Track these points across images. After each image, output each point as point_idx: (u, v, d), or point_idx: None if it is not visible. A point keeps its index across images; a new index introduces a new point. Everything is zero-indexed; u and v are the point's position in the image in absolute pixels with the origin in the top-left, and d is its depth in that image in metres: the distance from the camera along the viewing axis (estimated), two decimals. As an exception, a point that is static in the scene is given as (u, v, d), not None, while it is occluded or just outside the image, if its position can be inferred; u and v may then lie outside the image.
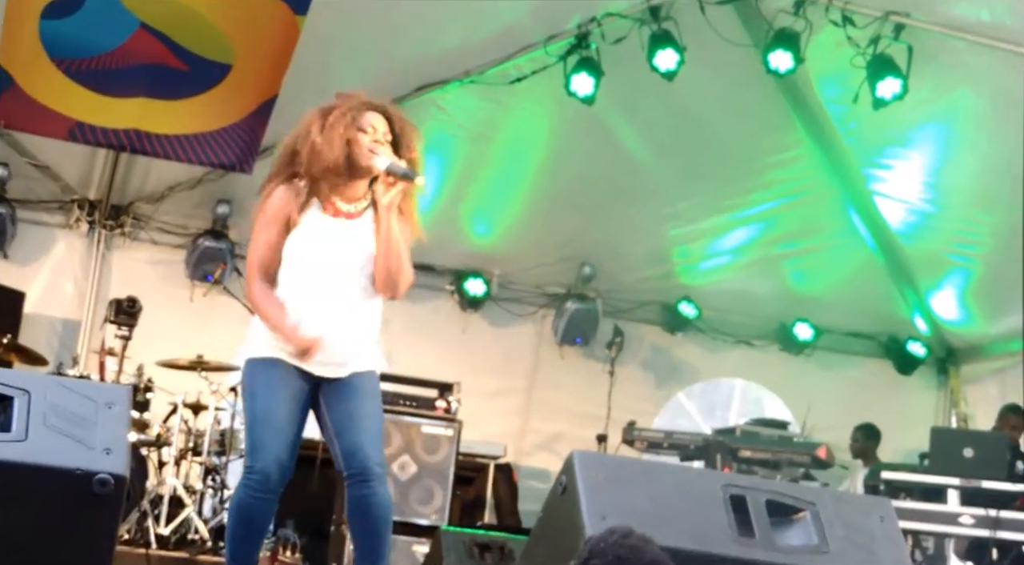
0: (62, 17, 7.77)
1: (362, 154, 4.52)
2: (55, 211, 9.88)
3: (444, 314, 10.89)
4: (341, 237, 4.56)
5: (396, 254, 4.52)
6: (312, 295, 4.54)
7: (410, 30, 8.74)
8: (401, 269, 4.55)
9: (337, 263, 4.55)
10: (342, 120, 4.53)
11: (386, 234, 4.51)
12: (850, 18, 8.27)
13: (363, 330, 4.61)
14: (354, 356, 4.58)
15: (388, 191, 4.50)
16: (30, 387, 4.10)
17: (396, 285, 4.57)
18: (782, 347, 11.41)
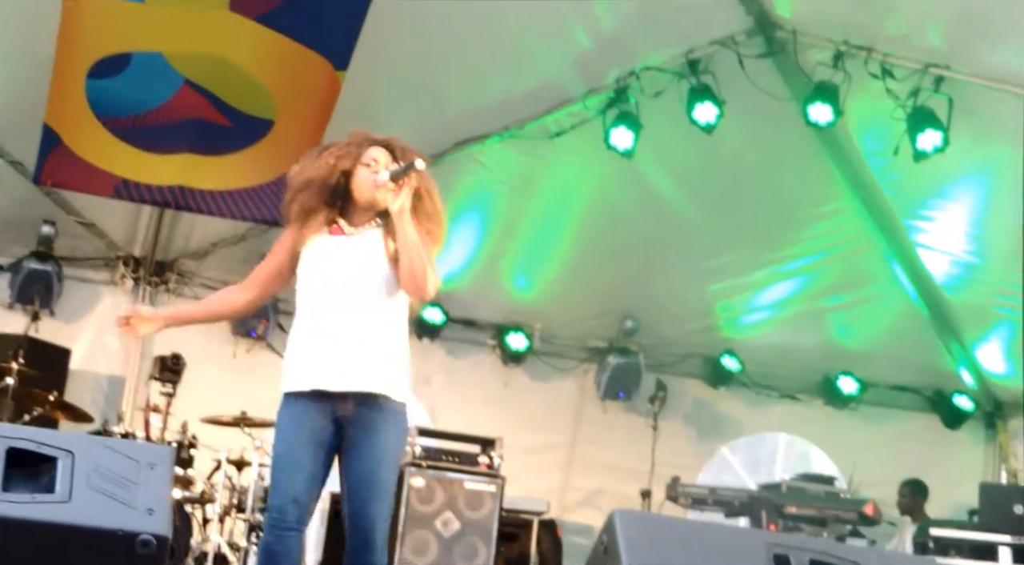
0: (108, 76, 7.88)
1: (366, 185, 4.58)
2: (100, 268, 9.99)
3: (486, 369, 10.89)
4: (345, 252, 4.58)
5: (416, 255, 4.47)
6: (321, 309, 4.53)
7: (450, 85, 8.81)
8: (424, 269, 4.48)
9: (342, 276, 4.55)
10: (336, 152, 4.64)
11: (402, 237, 4.49)
12: (890, 70, 8.24)
13: (377, 342, 4.55)
14: (369, 369, 4.51)
15: (397, 197, 4.49)
16: (74, 448, 4.12)
17: (421, 285, 4.51)
18: (826, 401, 11.33)
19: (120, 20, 7.54)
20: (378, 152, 4.65)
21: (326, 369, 4.47)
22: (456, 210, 9.63)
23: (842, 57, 8.29)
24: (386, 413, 4.52)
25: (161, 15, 7.52)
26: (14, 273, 9.49)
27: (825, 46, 8.35)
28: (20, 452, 4.13)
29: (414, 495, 8.68)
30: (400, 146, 4.70)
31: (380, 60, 8.19)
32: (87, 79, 7.86)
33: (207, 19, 7.54)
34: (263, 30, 7.58)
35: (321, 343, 4.49)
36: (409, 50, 8.36)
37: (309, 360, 4.51)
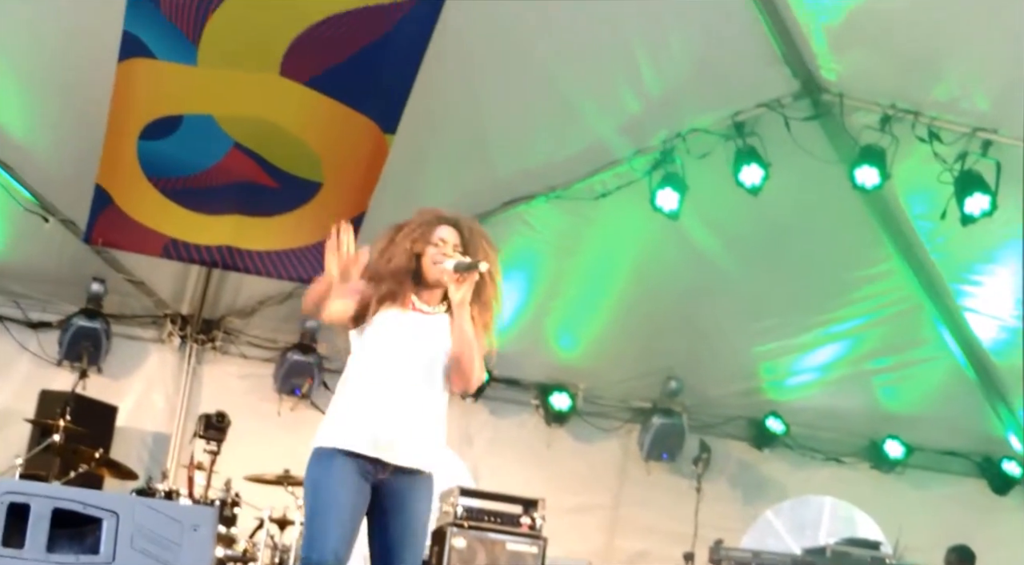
0: (160, 138, 7.99)
1: (431, 267, 4.65)
2: (148, 326, 10.09)
3: (529, 429, 10.87)
4: (413, 329, 4.62)
5: (468, 347, 4.56)
6: (381, 377, 4.56)
7: (498, 146, 8.85)
8: (473, 363, 4.58)
9: (406, 352, 4.59)
10: (411, 235, 4.69)
11: (458, 331, 4.57)
12: (937, 134, 8.25)
13: (424, 421, 4.59)
14: (413, 445, 4.54)
15: (459, 289, 4.56)
16: (118, 509, 4.17)
17: (468, 378, 4.60)
18: (872, 465, 11.25)
19: (172, 83, 7.65)
20: (446, 231, 4.72)
21: (378, 436, 4.48)
22: (502, 269, 9.67)
23: (889, 120, 8.32)
24: (420, 482, 4.58)
25: (212, 78, 7.62)
26: (63, 330, 9.59)
27: (872, 109, 8.37)
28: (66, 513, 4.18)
29: (456, 556, 8.67)
30: (468, 226, 4.78)
31: (428, 122, 8.26)
32: (139, 140, 7.98)
33: (257, 83, 7.64)
34: (312, 94, 7.68)
35: (376, 409, 4.52)
36: (457, 112, 8.43)
37: (361, 423, 4.50)
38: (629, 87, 8.45)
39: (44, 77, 8.06)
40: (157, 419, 9.78)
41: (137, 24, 7.27)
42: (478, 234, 4.77)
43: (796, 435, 11.03)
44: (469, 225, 4.80)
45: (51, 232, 9.06)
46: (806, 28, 7.91)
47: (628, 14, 7.86)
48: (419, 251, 4.67)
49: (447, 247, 4.68)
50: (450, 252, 4.66)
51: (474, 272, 4.54)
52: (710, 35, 8.07)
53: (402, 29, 7.29)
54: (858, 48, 8.03)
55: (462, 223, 4.79)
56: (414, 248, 4.67)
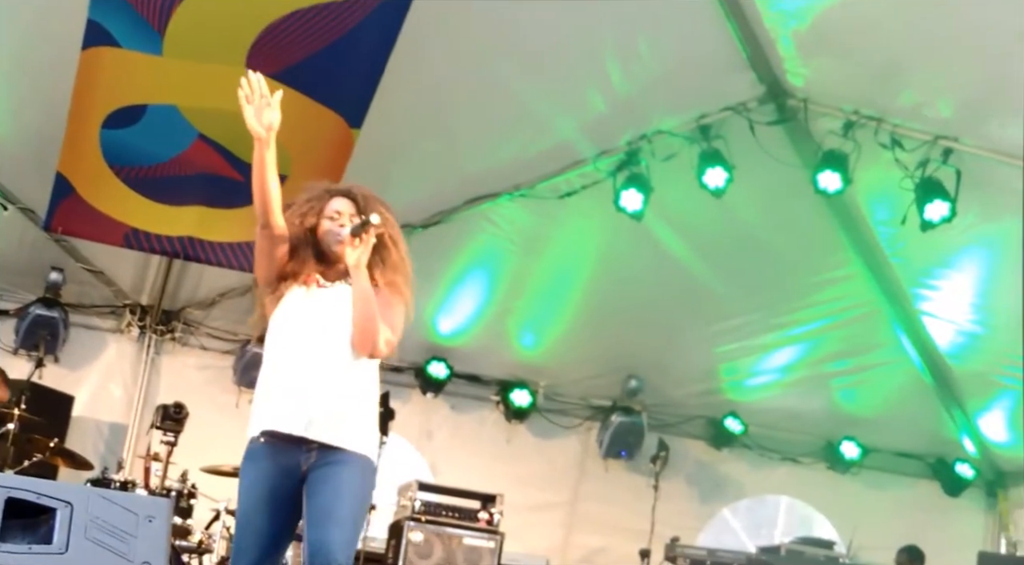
0: (123, 127, 7.91)
1: (330, 239, 4.52)
2: (107, 316, 10.03)
3: (489, 425, 10.90)
4: (315, 304, 4.47)
5: (365, 309, 4.39)
6: (287, 360, 4.40)
7: (463, 144, 8.85)
8: (373, 324, 4.39)
9: (310, 328, 4.43)
10: (299, 211, 4.57)
11: (355, 291, 4.42)
12: (899, 141, 8.32)
13: (342, 394, 4.40)
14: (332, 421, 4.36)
15: (354, 250, 4.41)
16: (72, 499, 4.14)
17: (370, 340, 4.40)
18: (829, 465, 11.35)
19: (137, 72, 7.57)
20: (340, 203, 4.59)
21: (289, 414, 4.33)
22: (465, 267, 9.70)
23: (852, 126, 8.38)
24: (348, 458, 4.35)
25: (177, 69, 7.55)
26: (20, 319, 9.52)
27: (836, 115, 8.43)
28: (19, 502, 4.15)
29: (412, 549, 8.68)
30: (361, 194, 4.63)
31: (394, 118, 8.24)
32: (102, 129, 7.90)
33: (223, 75, 7.52)
34: (279, 86, 7.58)
35: (285, 390, 4.35)
36: (423, 109, 8.42)
37: (277, 403, 4.37)
38: (595, 88, 8.48)
39: (5, 65, 7.97)
40: (114, 409, 9.73)
41: (102, 12, 7.20)
42: (373, 200, 4.61)
43: (754, 435, 11.11)
44: (362, 192, 4.65)
45: (10, 220, 8.99)
46: (773, 33, 7.95)
47: (597, 15, 7.86)
48: (312, 225, 4.55)
49: (343, 218, 4.54)
50: (346, 222, 4.53)
51: (369, 228, 4.39)
52: (677, 38, 8.09)
53: (369, 25, 7.26)
54: (824, 54, 8.09)
55: (354, 191, 4.65)
56: (305, 223, 4.55)
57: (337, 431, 4.36)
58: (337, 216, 4.54)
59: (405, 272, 4.60)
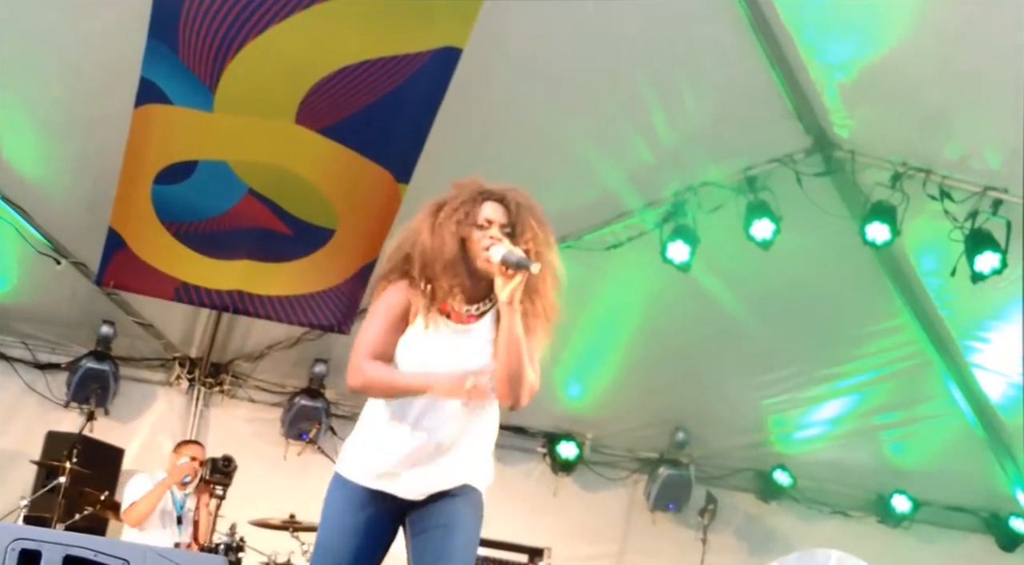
0: (174, 182, 8.00)
1: (477, 254, 4.00)
2: (156, 368, 10.12)
3: (536, 477, 10.87)
4: (458, 345, 4.02)
5: (517, 356, 3.89)
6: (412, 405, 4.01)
7: (509, 196, 8.87)
8: (523, 374, 3.91)
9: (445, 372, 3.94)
10: (453, 216, 4.03)
11: (506, 333, 3.89)
12: (948, 192, 8.25)
13: (472, 450, 4.06)
14: (449, 475, 4.03)
15: (506, 284, 3.88)
16: (129, 556, 4.16)
17: (518, 394, 3.93)
18: (879, 519, 11.25)
19: (188, 129, 7.66)
20: (492, 210, 4.06)
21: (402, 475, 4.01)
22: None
23: (900, 178, 8.32)
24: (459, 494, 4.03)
25: (228, 125, 7.64)
26: (72, 372, 9.63)
27: (883, 167, 8.38)
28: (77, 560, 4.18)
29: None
30: (515, 201, 4.09)
31: (440, 171, 8.16)
32: (153, 185, 8.00)
33: (272, 130, 7.67)
34: (327, 142, 7.70)
35: (401, 442, 4.00)
36: (469, 161, 8.40)
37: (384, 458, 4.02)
38: (641, 139, 8.47)
39: (59, 120, 8.09)
40: (164, 462, 9.73)
41: (154, 70, 7.29)
42: (526, 210, 4.09)
43: (803, 488, 11.02)
44: (516, 199, 4.10)
45: (63, 274, 9.07)
46: (819, 85, 7.94)
47: (642, 67, 7.90)
48: (465, 235, 4.01)
49: (493, 228, 4.02)
50: (497, 235, 4.00)
51: (525, 271, 3.87)
52: (723, 89, 8.10)
53: (418, 80, 7.31)
54: (870, 105, 8.06)
55: (508, 197, 4.10)
56: (460, 232, 4.01)
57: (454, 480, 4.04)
58: (487, 225, 4.04)
59: (547, 298, 4.15)
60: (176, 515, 8.37)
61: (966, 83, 7.48)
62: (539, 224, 4.10)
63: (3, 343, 9.63)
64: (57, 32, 7.47)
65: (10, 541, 4.20)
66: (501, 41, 7.53)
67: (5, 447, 9.48)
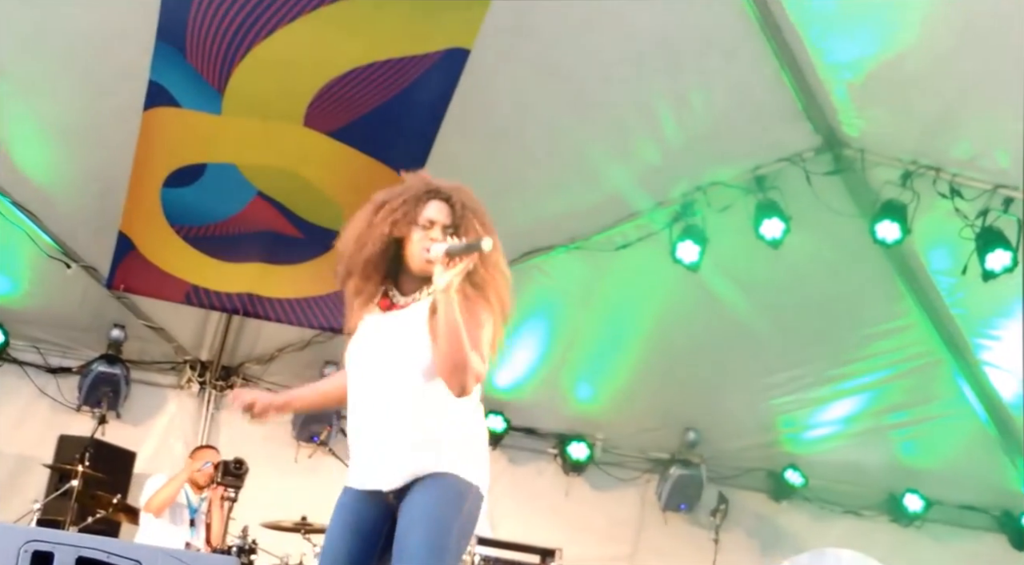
0: (183, 186, 8.03)
1: (418, 252, 3.95)
2: (167, 372, 10.14)
3: (547, 478, 10.87)
4: (386, 331, 3.96)
5: (456, 343, 3.76)
6: (361, 397, 3.98)
7: (517, 196, 8.84)
8: (465, 361, 3.77)
9: (382, 360, 3.94)
10: (391, 216, 3.99)
11: (443, 320, 3.77)
12: (958, 191, 8.23)
13: (419, 432, 3.88)
14: (409, 463, 3.88)
15: (445, 271, 3.77)
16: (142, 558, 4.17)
17: (461, 380, 3.80)
18: (891, 518, 11.24)
19: (197, 132, 7.68)
20: (436, 210, 4.00)
21: (367, 467, 3.95)
22: (521, 319, 9.69)
23: (910, 176, 8.31)
24: (427, 481, 3.88)
25: (236, 128, 7.66)
26: (83, 376, 9.65)
27: (893, 165, 8.37)
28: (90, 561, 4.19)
29: (473, 605, 8.62)
30: (460, 201, 4.03)
31: (448, 171, 8.20)
32: (163, 188, 8.02)
33: (281, 133, 7.68)
34: (335, 144, 7.72)
35: (362, 437, 3.97)
36: (477, 161, 8.45)
37: (355, 456, 4.01)
38: (650, 140, 8.47)
39: (67, 125, 8.12)
40: (175, 465, 9.74)
41: (163, 73, 7.32)
42: (471, 211, 4.01)
43: (815, 488, 11.01)
44: (462, 199, 4.04)
45: (73, 278, 9.10)
46: (828, 84, 7.92)
47: (650, 66, 7.89)
48: (401, 234, 3.98)
49: (435, 230, 3.96)
50: (438, 236, 3.94)
51: (473, 254, 3.77)
52: (732, 89, 8.09)
53: (426, 81, 7.32)
54: (880, 104, 8.04)
55: (454, 198, 4.03)
56: (394, 231, 3.97)
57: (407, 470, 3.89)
58: (430, 225, 3.98)
59: (496, 287, 3.99)
60: (189, 517, 8.38)
61: (976, 81, 7.47)
62: (483, 227, 4.00)
63: (14, 347, 9.64)
64: (65, 37, 7.50)
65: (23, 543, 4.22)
66: (509, 42, 7.54)
67: (18, 451, 9.51)
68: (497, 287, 4.00)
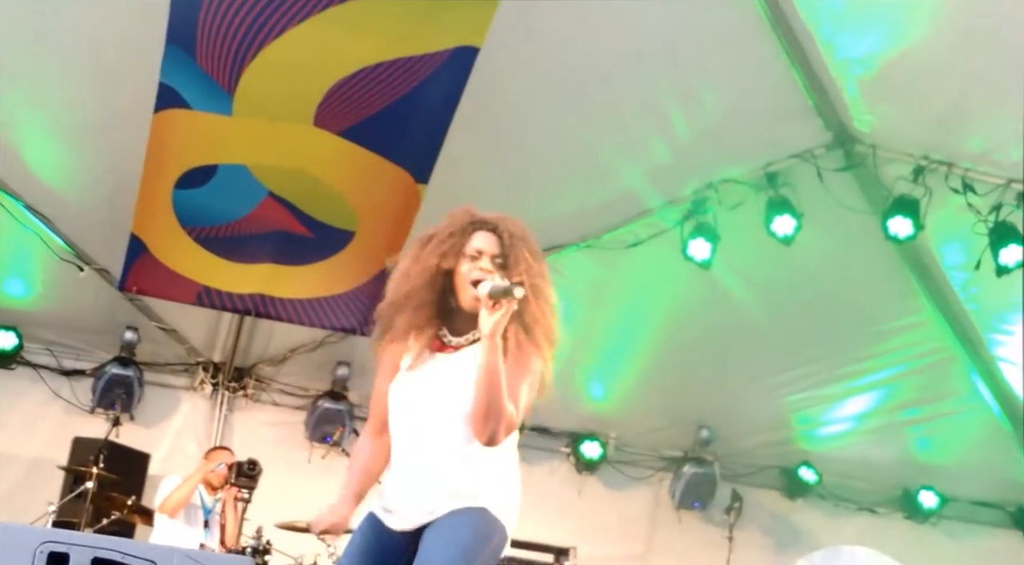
0: (195, 187, 8.04)
1: (464, 288, 3.88)
2: (180, 373, 10.15)
3: (560, 477, 10.86)
4: (438, 373, 3.90)
5: (493, 390, 3.70)
6: (404, 437, 3.91)
7: (528, 195, 8.81)
8: (500, 409, 3.71)
9: (428, 404, 3.87)
10: (438, 248, 3.92)
11: (484, 367, 3.70)
12: (971, 185, 8.22)
13: (457, 482, 3.81)
14: (438, 510, 3.81)
15: (491, 315, 3.70)
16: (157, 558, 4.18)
17: (492, 429, 3.74)
18: (906, 515, 11.21)
19: (207, 133, 7.69)
20: (483, 240, 3.92)
21: (398, 509, 3.89)
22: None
23: (922, 172, 8.29)
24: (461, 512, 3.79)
25: (247, 129, 7.66)
26: (97, 378, 9.68)
27: (905, 160, 8.35)
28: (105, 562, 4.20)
29: (487, 605, 8.62)
30: (508, 231, 3.94)
31: (459, 171, 8.27)
32: (174, 190, 8.03)
33: (291, 133, 7.69)
34: (345, 144, 7.72)
35: (400, 477, 3.91)
36: (488, 161, 8.46)
37: (389, 491, 3.94)
38: (660, 137, 8.45)
39: (79, 127, 8.14)
40: (189, 466, 9.74)
41: (173, 75, 7.33)
42: (519, 240, 3.93)
43: (829, 485, 10.99)
44: (509, 228, 3.95)
45: (86, 281, 9.12)
46: (839, 80, 7.90)
47: (661, 65, 7.88)
48: (450, 266, 3.90)
49: (483, 260, 3.88)
50: (487, 266, 3.87)
51: (511, 300, 3.69)
52: (742, 85, 8.08)
53: (435, 80, 7.32)
54: (891, 100, 8.02)
55: (501, 227, 3.94)
56: (443, 264, 3.90)
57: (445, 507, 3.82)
58: (478, 255, 3.90)
59: (546, 326, 3.90)
60: (204, 518, 8.39)
61: (987, 75, 7.45)
62: (532, 255, 3.93)
63: (28, 350, 9.67)
64: (76, 40, 7.52)
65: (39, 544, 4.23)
66: (518, 40, 7.53)
67: (32, 454, 9.54)
68: (547, 325, 3.92)
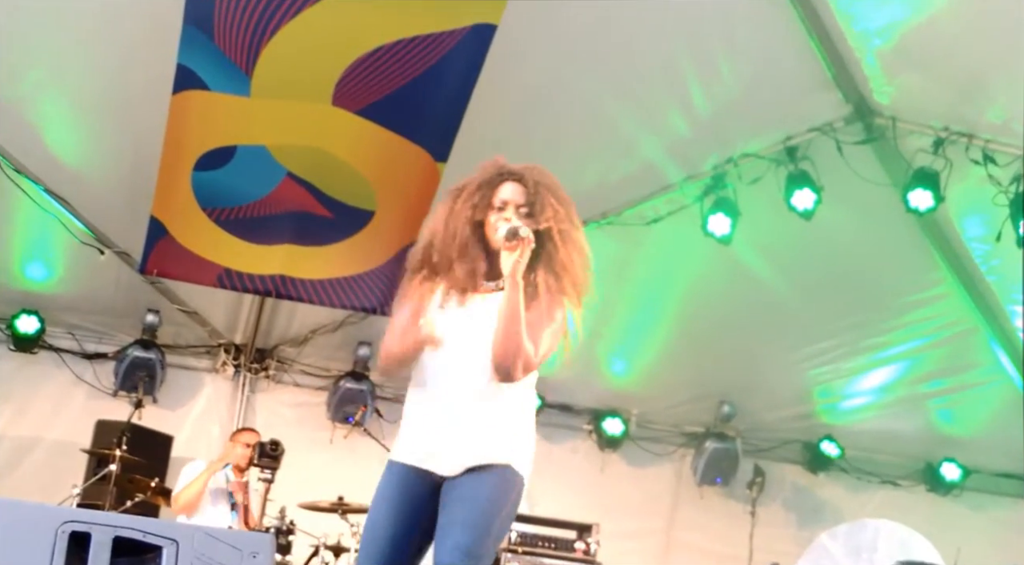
0: (214, 168, 8.01)
1: (493, 234, 4.05)
2: (202, 355, 10.18)
3: (582, 454, 10.87)
4: (471, 315, 4.04)
5: (512, 328, 3.88)
6: (432, 379, 4.06)
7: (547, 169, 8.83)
8: (518, 347, 3.88)
9: (461, 344, 4.02)
10: (469, 201, 4.09)
11: (504, 304, 3.90)
12: (991, 157, 8.19)
13: (487, 421, 3.98)
14: (471, 450, 3.98)
15: (510, 256, 3.92)
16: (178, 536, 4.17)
17: (510, 365, 3.90)
18: (929, 488, 11.19)
19: (226, 114, 7.67)
20: (510, 191, 4.10)
21: (427, 447, 4.02)
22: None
23: (942, 143, 8.26)
24: (485, 470, 3.96)
25: (265, 109, 7.64)
26: (119, 361, 9.71)
27: (925, 132, 8.32)
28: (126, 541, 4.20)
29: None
30: (533, 179, 4.11)
31: (479, 149, 8.15)
32: (193, 171, 8.01)
33: (310, 113, 7.67)
34: (364, 123, 7.70)
35: (427, 415, 4.04)
36: (507, 138, 8.39)
37: (413, 432, 4.08)
38: (680, 111, 8.43)
39: (98, 110, 8.14)
40: (212, 448, 9.80)
41: (191, 57, 7.31)
42: (545, 188, 4.10)
43: (851, 458, 10.99)
44: (535, 177, 4.11)
45: (106, 264, 9.13)
46: (858, 51, 7.87)
47: (678, 39, 7.86)
48: (482, 218, 4.07)
49: (509, 209, 4.07)
50: (510, 215, 4.06)
51: (525, 240, 3.89)
52: (761, 59, 8.05)
53: (453, 58, 7.30)
54: (910, 72, 7.99)
55: (526, 176, 4.11)
56: (476, 215, 4.07)
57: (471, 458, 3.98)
58: (504, 206, 4.08)
59: (574, 274, 4.11)
60: (230, 502, 8.41)
61: (1007, 46, 7.41)
62: (559, 201, 4.12)
63: (51, 334, 9.70)
64: (95, 22, 7.52)
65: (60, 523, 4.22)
66: (536, 16, 7.50)
67: (56, 437, 9.58)
68: (575, 273, 4.11)
